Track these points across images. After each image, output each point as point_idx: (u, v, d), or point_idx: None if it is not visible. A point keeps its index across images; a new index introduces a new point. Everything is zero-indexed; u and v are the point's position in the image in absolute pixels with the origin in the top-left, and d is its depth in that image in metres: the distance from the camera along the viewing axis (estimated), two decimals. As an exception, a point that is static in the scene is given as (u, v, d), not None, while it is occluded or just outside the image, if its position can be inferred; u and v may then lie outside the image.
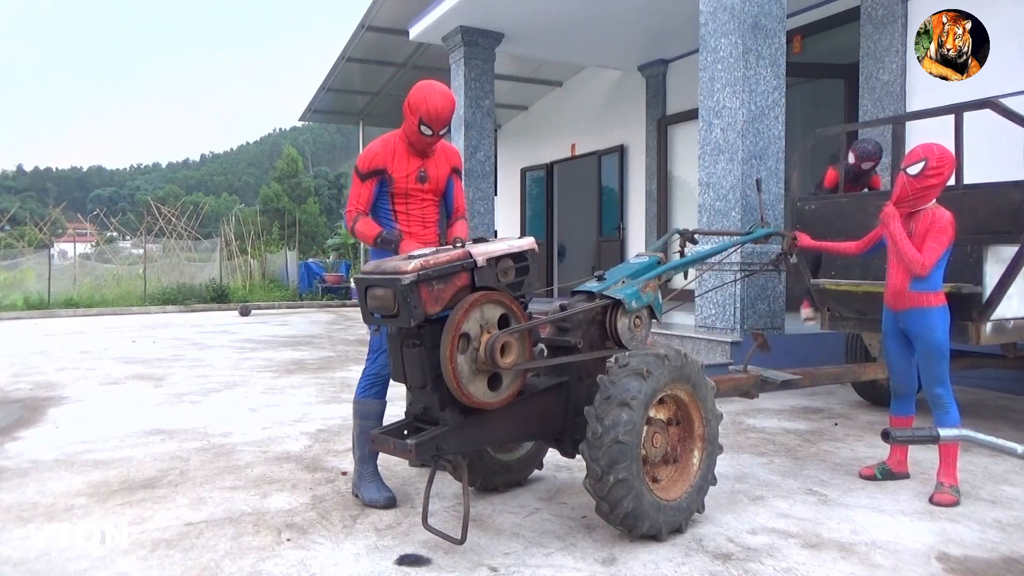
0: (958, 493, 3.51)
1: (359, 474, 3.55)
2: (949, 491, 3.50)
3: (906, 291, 3.57)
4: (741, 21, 6.19)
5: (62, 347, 9.85)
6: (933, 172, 3.43)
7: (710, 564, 2.82)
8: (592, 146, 13.32)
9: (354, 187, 3.50)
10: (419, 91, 3.38)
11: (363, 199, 3.47)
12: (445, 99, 3.34)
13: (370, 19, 11.26)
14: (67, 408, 5.81)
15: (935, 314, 3.53)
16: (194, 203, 32.51)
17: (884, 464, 3.87)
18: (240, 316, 15.34)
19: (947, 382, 3.58)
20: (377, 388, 3.56)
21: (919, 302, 3.54)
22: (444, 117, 3.35)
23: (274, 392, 6.44)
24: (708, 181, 6.51)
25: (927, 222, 3.50)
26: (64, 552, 2.95)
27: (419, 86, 3.41)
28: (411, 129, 3.39)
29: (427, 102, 3.31)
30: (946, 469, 3.56)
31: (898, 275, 3.61)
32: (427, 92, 3.35)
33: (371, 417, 3.53)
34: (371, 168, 3.44)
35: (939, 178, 3.45)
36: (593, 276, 3.49)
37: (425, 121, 3.34)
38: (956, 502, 3.46)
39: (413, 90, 3.40)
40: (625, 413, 2.86)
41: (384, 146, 3.46)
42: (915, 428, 1.85)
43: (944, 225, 3.46)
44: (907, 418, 3.87)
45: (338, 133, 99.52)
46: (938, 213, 3.50)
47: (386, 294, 2.80)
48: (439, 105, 3.32)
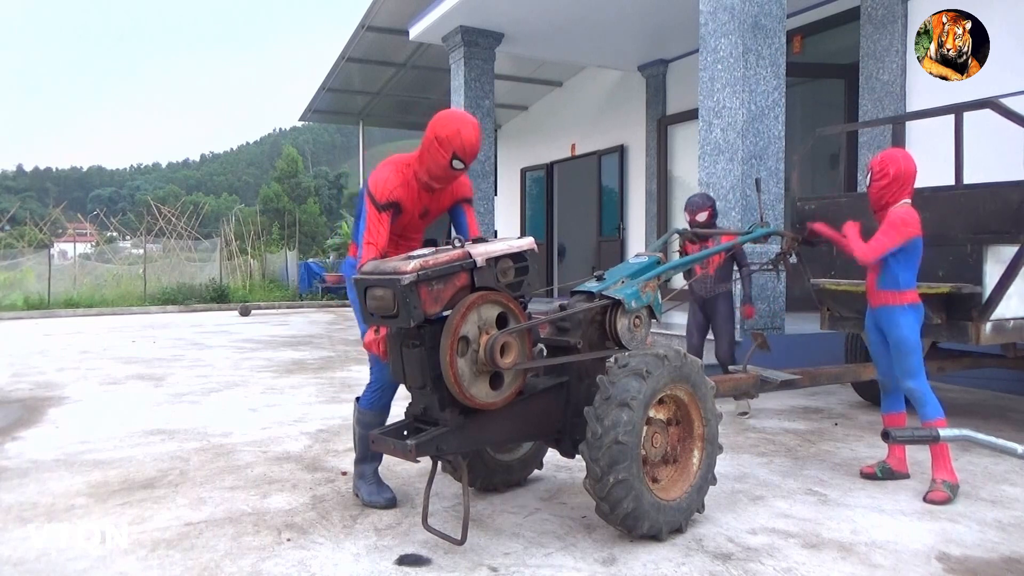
0: (951, 490, 3.52)
1: (360, 473, 3.55)
2: (942, 488, 3.51)
3: (875, 289, 3.73)
4: (741, 21, 6.19)
5: (62, 347, 9.85)
6: (878, 175, 3.62)
7: (710, 564, 2.82)
8: (592, 146, 13.32)
9: (371, 216, 3.16)
10: (449, 123, 3.11)
11: (383, 234, 3.15)
12: (477, 130, 3.13)
13: (370, 19, 11.26)
14: (67, 408, 5.81)
15: (899, 311, 3.63)
16: (194, 203, 32.51)
17: (885, 463, 3.89)
18: (240, 316, 15.34)
19: (919, 376, 3.63)
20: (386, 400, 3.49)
21: (885, 300, 3.68)
22: (477, 149, 3.14)
23: (274, 392, 6.44)
24: (708, 181, 6.51)
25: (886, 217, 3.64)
26: (64, 552, 2.95)
27: (447, 117, 3.15)
28: (439, 164, 3.12)
29: (461, 135, 3.07)
30: (939, 465, 3.58)
31: (871, 274, 3.77)
32: (459, 124, 3.10)
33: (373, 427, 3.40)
34: (389, 200, 3.16)
35: (885, 177, 3.60)
36: (593, 276, 3.49)
37: (459, 155, 3.10)
38: (949, 499, 3.47)
39: (440, 122, 3.13)
40: (625, 413, 2.86)
41: (399, 177, 3.21)
42: (915, 428, 1.85)
43: (893, 219, 3.57)
44: (898, 415, 3.91)
45: (338, 133, 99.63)
46: (893, 209, 3.61)
47: (385, 294, 2.79)
48: (474, 137, 3.10)
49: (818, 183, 9.45)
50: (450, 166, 3.12)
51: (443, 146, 3.09)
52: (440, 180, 3.22)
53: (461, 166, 3.14)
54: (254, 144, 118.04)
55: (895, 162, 3.64)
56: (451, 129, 3.09)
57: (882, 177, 3.62)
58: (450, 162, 3.11)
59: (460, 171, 3.18)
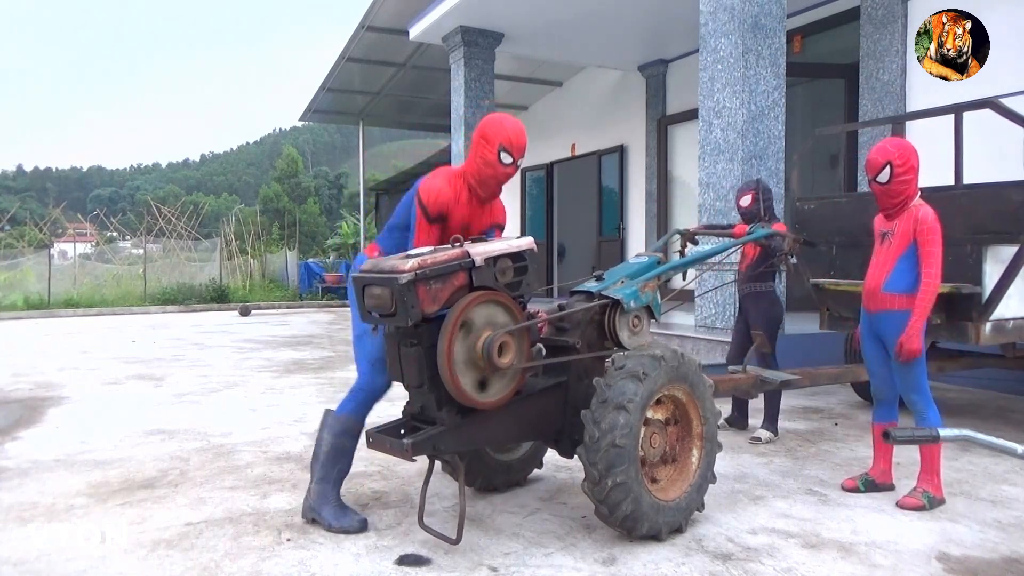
0: (929, 500, 3.37)
1: (323, 496, 3.21)
2: (920, 496, 3.37)
3: (879, 292, 3.47)
4: (741, 21, 6.19)
5: (62, 347, 9.86)
6: (901, 169, 3.34)
7: (710, 564, 2.82)
8: (592, 146, 13.32)
9: (421, 227, 3.14)
10: (492, 120, 3.18)
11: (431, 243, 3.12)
12: (521, 125, 3.18)
13: (370, 19, 11.26)
14: (67, 408, 5.81)
15: (905, 317, 3.37)
16: (194, 203, 32.50)
17: (867, 475, 3.71)
18: (240, 316, 15.34)
19: (923, 388, 3.42)
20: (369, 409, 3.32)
21: (891, 304, 3.42)
22: (524, 144, 3.16)
23: (274, 392, 6.44)
24: (708, 181, 6.51)
25: (910, 221, 3.38)
26: (64, 552, 2.95)
27: (490, 117, 3.21)
28: (488, 160, 3.11)
29: (505, 128, 3.11)
30: (925, 476, 3.43)
31: (874, 276, 3.51)
32: (502, 119, 3.16)
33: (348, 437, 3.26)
34: (439, 212, 3.13)
35: (911, 172, 3.35)
36: (592, 276, 3.49)
37: (506, 147, 3.09)
38: (922, 507, 3.34)
39: (484, 123, 3.17)
40: (622, 416, 2.86)
41: (452, 189, 3.16)
42: (915, 428, 1.85)
43: (932, 226, 3.33)
44: (890, 424, 3.68)
45: (338, 133, 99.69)
46: (921, 213, 3.36)
47: (383, 293, 2.79)
48: (518, 129, 3.14)
49: (818, 183, 9.45)
50: (499, 160, 3.10)
51: (489, 142, 3.11)
52: (489, 182, 3.17)
53: (510, 159, 3.12)
54: (254, 144, 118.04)
55: (910, 151, 3.37)
56: (494, 127, 3.13)
57: (907, 170, 3.34)
58: (498, 156, 3.10)
59: (510, 166, 3.14)
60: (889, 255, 3.46)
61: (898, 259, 3.42)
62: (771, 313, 4.81)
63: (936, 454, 3.43)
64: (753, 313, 4.84)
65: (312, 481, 3.25)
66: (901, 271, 3.40)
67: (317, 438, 3.30)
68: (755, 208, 4.79)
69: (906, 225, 3.40)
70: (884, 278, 3.45)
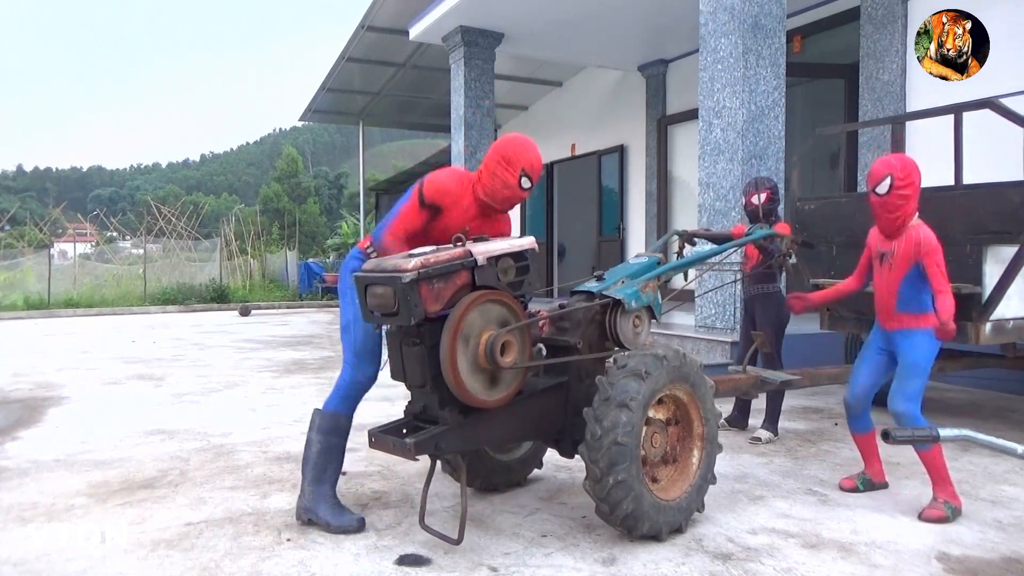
0: (952, 510, 3.31)
1: (318, 496, 3.19)
2: (943, 507, 3.33)
3: (893, 313, 3.46)
4: (741, 21, 6.19)
5: (62, 347, 9.86)
6: (902, 183, 3.30)
7: (710, 564, 2.82)
8: (592, 146, 13.32)
9: (409, 208, 3.16)
10: (513, 144, 3.18)
11: (411, 227, 3.15)
12: (538, 148, 3.23)
13: (370, 19, 11.26)
14: (67, 408, 5.81)
15: (921, 335, 3.39)
16: (194, 203, 32.52)
17: (864, 475, 3.72)
18: (240, 316, 15.34)
19: (916, 401, 3.38)
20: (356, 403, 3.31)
21: (909, 323, 3.42)
22: (542, 168, 3.25)
23: (274, 392, 6.44)
24: (708, 181, 6.51)
25: (911, 243, 3.36)
26: (64, 552, 2.95)
27: (512, 139, 3.21)
28: (507, 183, 3.15)
29: (528, 154, 3.16)
30: (939, 486, 3.39)
31: (883, 298, 3.51)
32: (524, 143, 3.19)
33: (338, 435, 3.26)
34: (435, 200, 3.14)
35: (911, 187, 3.32)
36: (593, 276, 3.49)
37: (528, 172, 3.15)
38: (946, 518, 3.28)
39: (506, 144, 3.19)
40: (624, 415, 2.86)
41: (459, 186, 3.19)
42: (915, 428, 1.85)
43: (934, 246, 3.33)
44: (869, 433, 3.72)
45: (338, 133, 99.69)
46: (922, 235, 3.34)
47: (386, 292, 2.79)
48: (539, 154, 3.21)
49: (818, 183, 9.45)
50: (519, 184, 3.16)
51: (512, 165, 3.14)
52: (503, 202, 3.22)
53: (529, 184, 3.19)
54: (254, 144, 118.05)
55: (913, 168, 3.34)
56: (517, 150, 3.16)
57: (908, 184, 3.31)
58: (519, 180, 3.16)
59: (527, 190, 3.21)
60: (893, 278, 3.44)
61: (902, 281, 3.41)
62: (780, 314, 4.78)
63: (941, 463, 3.39)
64: (761, 315, 4.81)
65: (305, 482, 3.24)
66: (910, 292, 3.40)
67: (307, 439, 3.29)
68: (770, 206, 4.77)
69: (907, 247, 3.38)
70: (895, 301, 3.45)
